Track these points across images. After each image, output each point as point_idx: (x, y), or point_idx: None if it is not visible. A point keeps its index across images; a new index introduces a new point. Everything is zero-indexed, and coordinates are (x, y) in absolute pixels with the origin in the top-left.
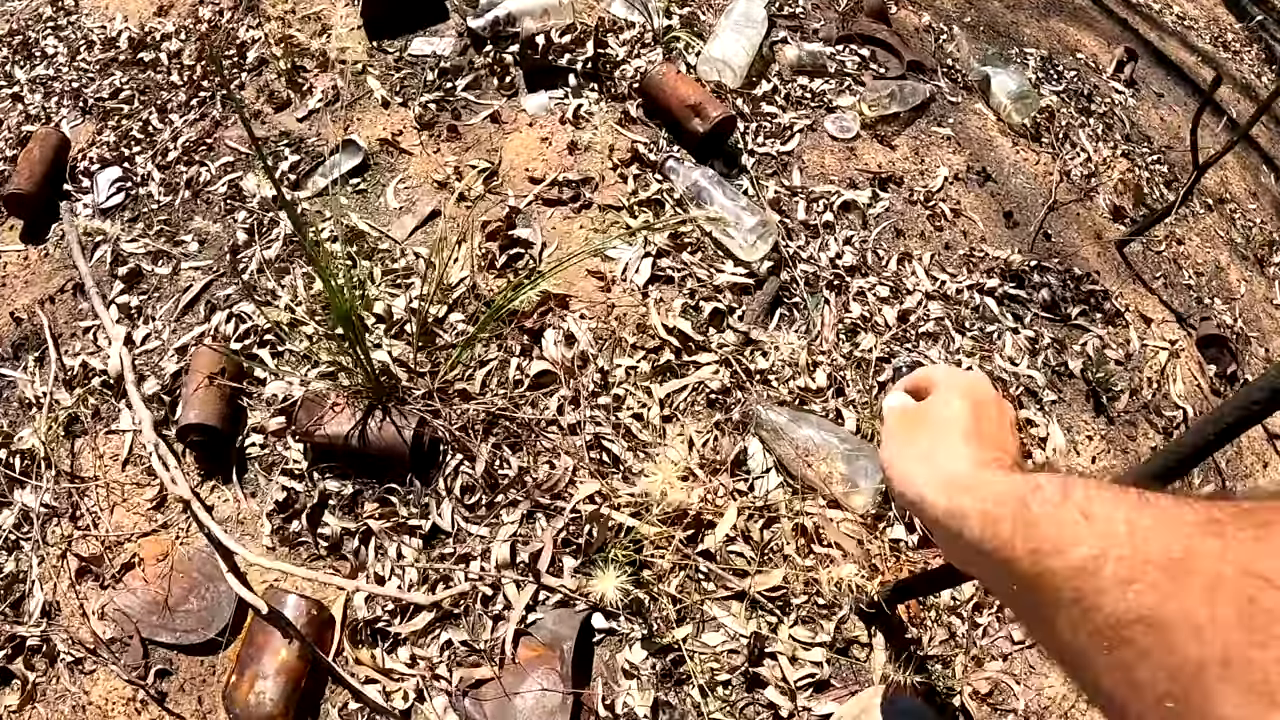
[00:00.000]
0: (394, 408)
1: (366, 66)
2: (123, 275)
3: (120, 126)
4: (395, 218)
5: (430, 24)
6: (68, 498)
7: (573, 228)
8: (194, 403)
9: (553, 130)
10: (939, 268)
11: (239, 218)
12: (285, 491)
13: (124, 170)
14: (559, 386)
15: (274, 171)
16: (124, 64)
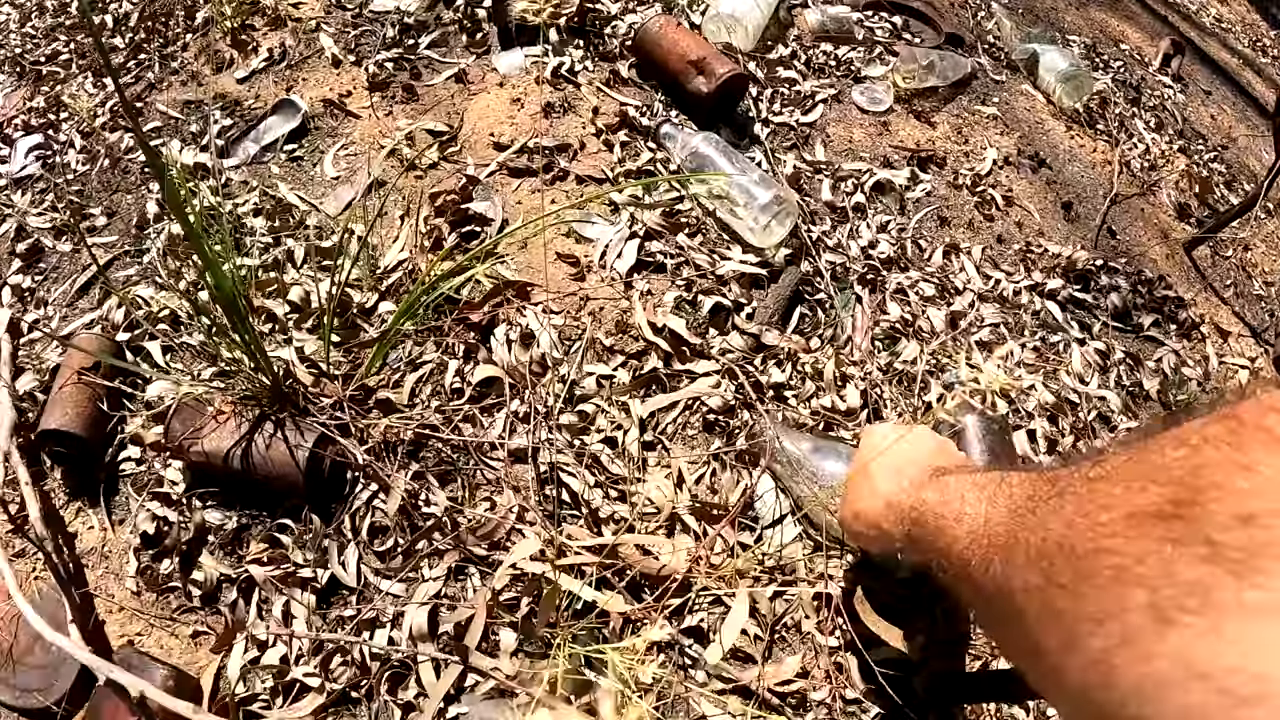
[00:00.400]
0: (290, 419)
1: (320, 24)
2: (21, 252)
3: (53, 92)
4: (331, 189)
5: None
6: None
7: (543, 202)
8: (59, 404)
9: (526, 90)
10: (991, 264)
11: (155, 188)
12: (155, 521)
13: (46, 137)
14: (509, 399)
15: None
16: (70, 29)
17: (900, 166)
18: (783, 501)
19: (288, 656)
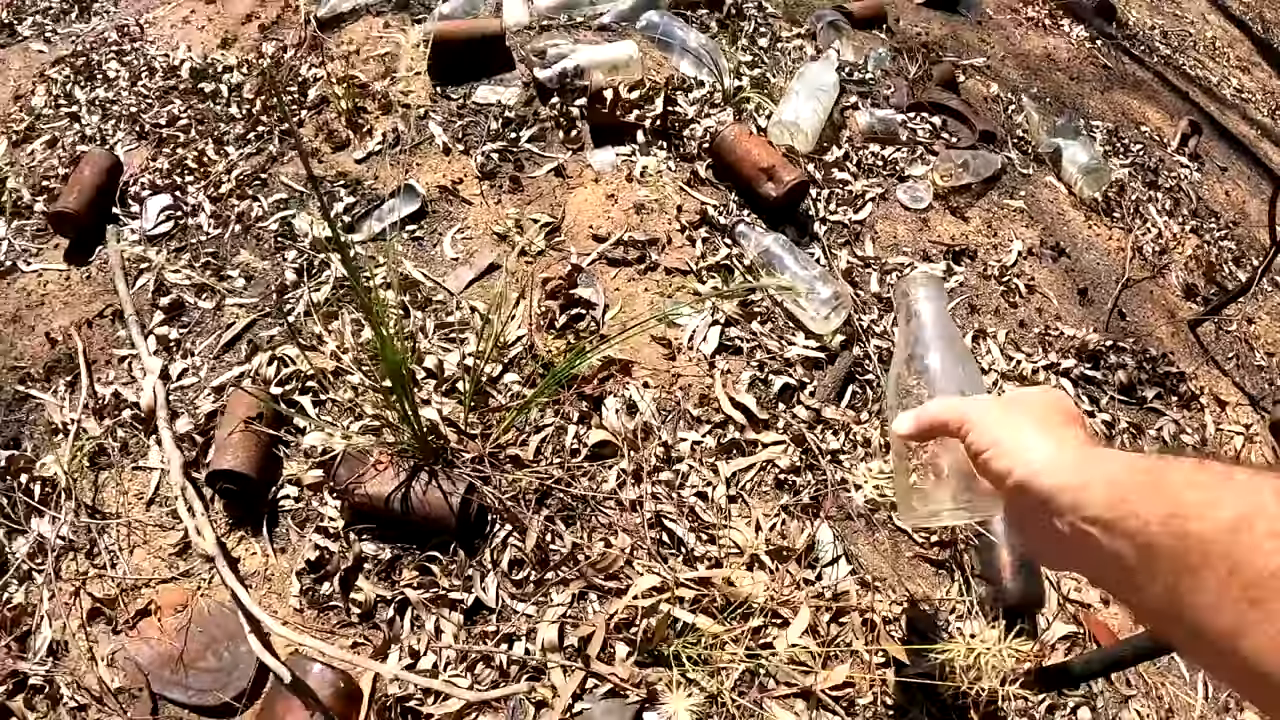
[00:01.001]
0: (441, 470)
1: (429, 111)
2: (164, 306)
3: (175, 155)
4: (451, 268)
5: (496, 73)
6: (86, 533)
7: (637, 290)
8: (227, 447)
9: (619, 188)
10: (1014, 346)
11: (289, 257)
12: (318, 550)
13: (175, 199)
14: (619, 459)
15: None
16: (184, 93)
17: (938, 260)
18: (838, 546)
19: (437, 664)
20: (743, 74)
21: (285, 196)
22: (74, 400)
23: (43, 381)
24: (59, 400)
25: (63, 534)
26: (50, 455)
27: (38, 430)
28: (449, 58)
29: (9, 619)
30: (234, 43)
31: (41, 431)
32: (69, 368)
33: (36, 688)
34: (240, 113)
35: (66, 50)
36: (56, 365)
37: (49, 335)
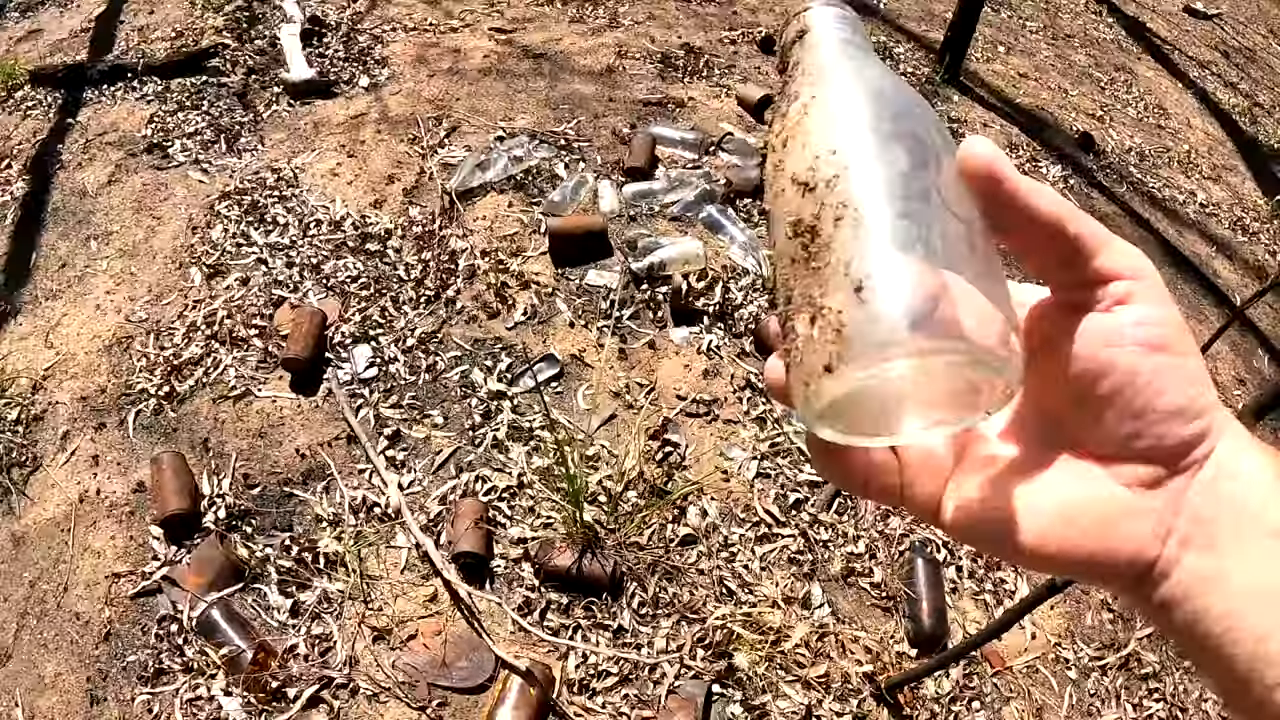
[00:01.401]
0: (598, 551)
1: (555, 290)
2: (387, 435)
3: (363, 310)
4: (584, 416)
5: (600, 259)
6: (360, 588)
7: (705, 434)
8: (466, 537)
9: (691, 359)
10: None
11: (472, 404)
12: (524, 598)
13: (373, 349)
14: (698, 544)
15: (491, 369)
16: (354, 250)
17: None
18: (823, 596)
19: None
20: None
21: (459, 354)
22: (331, 498)
23: (301, 485)
24: (317, 498)
25: (341, 589)
26: (323, 537)
27: (305, 520)
28: (564, 247)
29: (314, 642)
30: (383, 204)
31: (309, 520)
32: (321, 475)
33: (340, 684)
34: (407, 276)
35: (225, 184)
36: (310, 473)
37: (298, 450)
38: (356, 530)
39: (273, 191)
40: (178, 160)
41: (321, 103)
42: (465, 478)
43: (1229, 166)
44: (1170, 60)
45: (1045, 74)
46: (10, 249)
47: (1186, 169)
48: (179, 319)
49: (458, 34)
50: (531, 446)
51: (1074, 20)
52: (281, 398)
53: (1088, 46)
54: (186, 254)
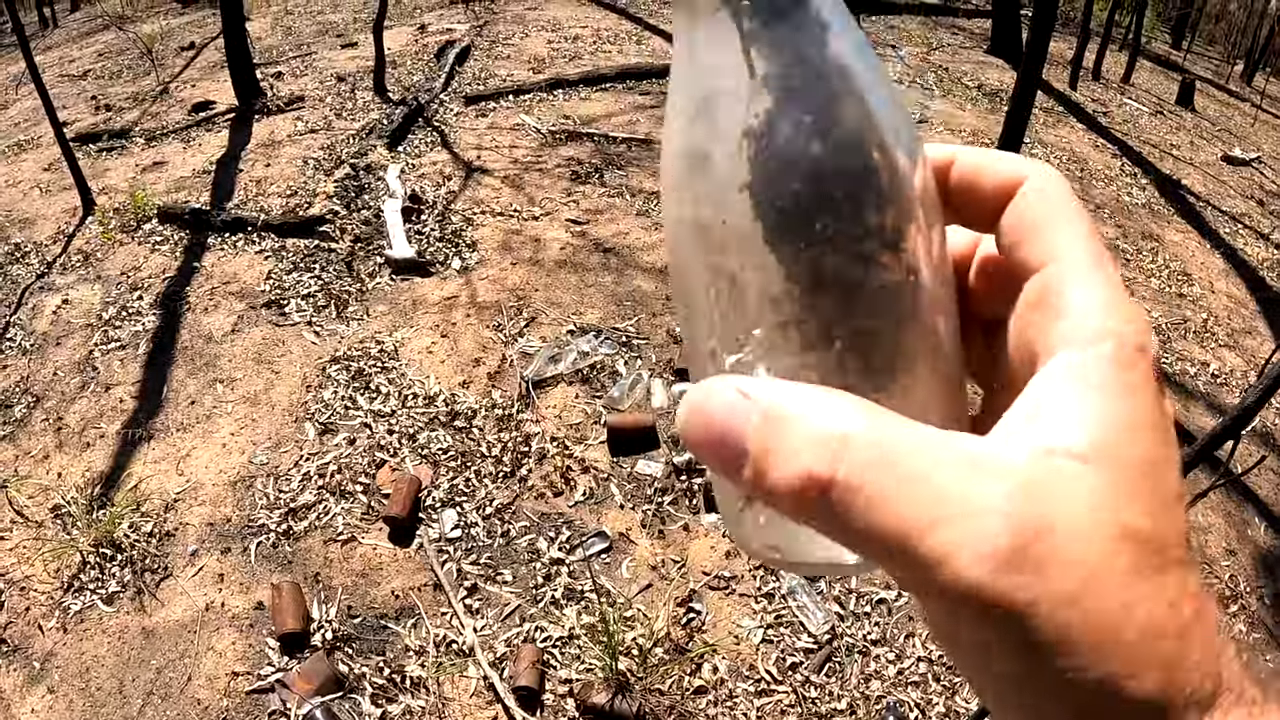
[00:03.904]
0: (626, 693)
1: (610, 475)
2: (466, 586)
3: (451, 479)
4: (627, 584)
5: (649, 450)
6: (437, 707)
7: (724, 604)
8: (525, 674)
9: (717, 541)
10: (932, 640)
11: (536, 567)
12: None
13: (458, 514)
14: (708, 694)
15: (553, 540)
16: (444, 424)
17: (894, 588)
18: None
19: None
20: None
21: (528, 524)
22: (418, 632)
23: (394, 619)
24: (407, 631)
25: (420, 704)
26: (411, 663)
27: (396, 648)
28: (620, 439)
29: None
30: (470, 385)
31: (399, 649)
32: (411, 614)
33: None
34: (488, 452)
35: (335, 349)
36: (402, 611)
37: (393, 591)
38: (438, 661)
39: (376, 361)
40: (293, 319)
41: (419, 280)
42: (527, 626)
43: (1248, 330)
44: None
45: None
46: (143, 379)
47: (1202, 339)
48: (295, 468)
49: (538, 222)
50: (582, 606)
51: (1107, 187)
52: (381, 545)
53: (1118, 215)
54: (301, 409)
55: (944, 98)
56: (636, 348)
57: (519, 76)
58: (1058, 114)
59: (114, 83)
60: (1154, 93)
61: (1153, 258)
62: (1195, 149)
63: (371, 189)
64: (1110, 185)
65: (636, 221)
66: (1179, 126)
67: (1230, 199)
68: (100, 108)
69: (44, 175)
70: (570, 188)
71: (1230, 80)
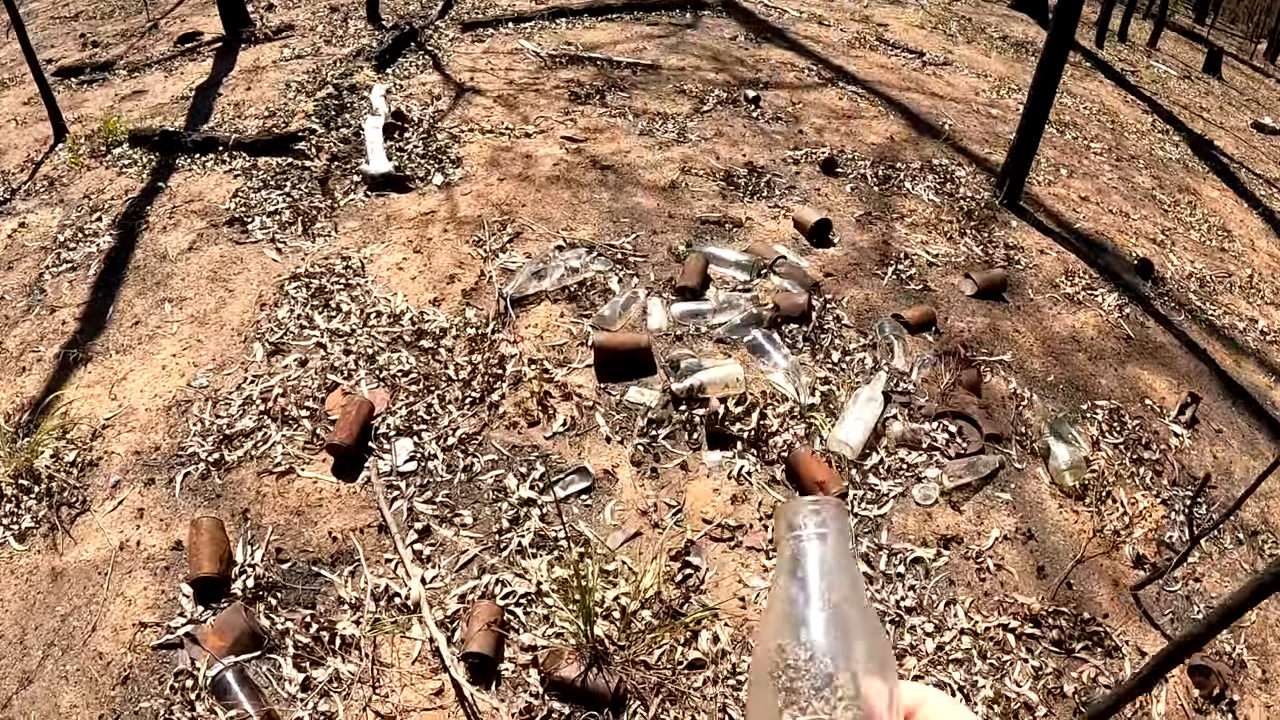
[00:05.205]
0: (604, 666)
1: (595, 404)
2: (417, 529)
3: (410, 405)
4: (610, 531)
5: (643, 375)
6: (371, 673)
7: (727, 560)
8: (477, 638)
9: (722, 484)
10: (976, 610)
11: (502, 508)
12: (526, 704)
13: (415, 444)
14: (706, 669)
15: (525, 476)
16: (408, 344)
17: (932, 545)
18: None
19: None
20: (816, 389)
21: (495, 458)
22: (356, 583)
23: (329, 566)
24: (343, 581)
25: (353, 670)
26: (342, 619)
27: (328, 600)
28: (609, 362)
29: (318, 717)
30: (441, 302)
31: (331, 601)
32: (349, 560)
33: None
34: (456, 376)
35: (298, 267)
36: (339, 556)
37: (331, 533)
38: (375, 617)
39: (340, 279)
40: (255, 236)
41: (396, 196)
42: (486, 580)
43: None
44: (1236, 179)
45: (1107, 197)
46: (90, 299)
47: (1248, 294)
48: (237, 391)
49: (531, 139)
50: (555, 556)
51: (1140, 140)
52: (323, 480)
53: (1152, 168)
54: (252, 329)
55: (968, 45)
56: (633, 265)
57: (521, 6)
58: (1085, 69)
59: (105, 22)
60: (1180, 60)
61: (1191, 211)
62: (1225, 114)
63: (354, 108)
64: (1144, 139)
65: (639, 140)
66: (1207, 92)
67: (1262, 164)
68: (88, 45)
69: (22, 109)
70: (568, 108)
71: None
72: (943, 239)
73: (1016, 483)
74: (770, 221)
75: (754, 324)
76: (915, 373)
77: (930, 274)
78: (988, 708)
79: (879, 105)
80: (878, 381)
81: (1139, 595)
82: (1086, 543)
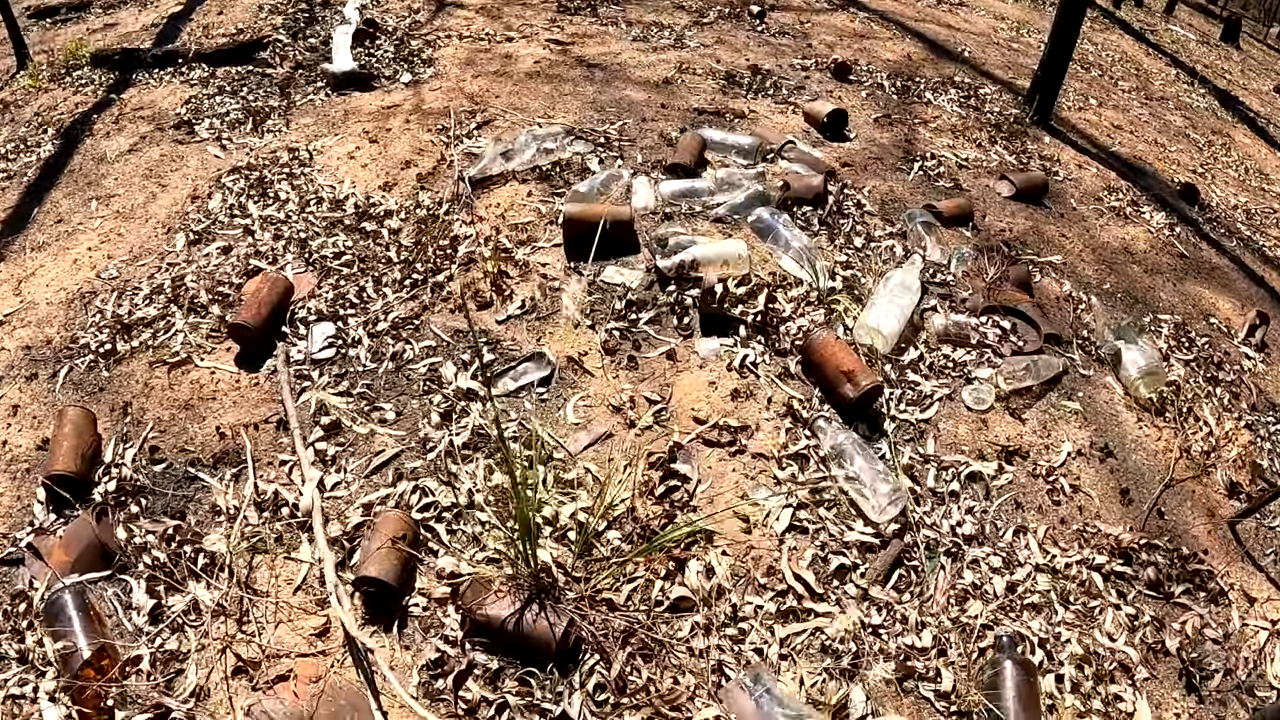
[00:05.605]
0: (549, 603)
1: (563, 284)
2: (324, 425)
3: (339, 287)
4: (571, 432)
5: (623, 254)
6: (238, 604)
7: (726, 469)
8: (375, 559)
9: (720, 375)
10: (1051, 542)
11: (435, 401)
12: (439, 653)
13: (338, 329)
14: (694, 612)
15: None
16: (348, 228)
17: (991, 459)
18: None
19: None
20: (837, 274)
21: (434, 344)
22: (238, 490)
23: (210, 468)
24: (223, 486)
25: (218, 600)
26: (214, 533)
27: (202, 509)
28: (582, 238)
29: (161, 660)
30: (394, 187)
31: (206, 510)
32: (235, 461)
33: None
34: (397, 258)
35: (241, 161)
36: (224, 456)
37: (219, 430)
38: (255, 532)
39: (284, 169)
40: (201, 136)
41: (359, 95)
42: (403, 487)
43: None
44: (1266, 132)
45: (1140, 129)
46: (18, 203)
47: None
48: (148, 281)
49: (513, 43)
50: (497, 459)
51: (1166, 87)
52: (221, 370)
53: (1182, 110)
54: (179, 220)
55: None
56: (618, 148)
57: None
58: (1104, 24)
59: None
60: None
61: (1226, 152)
62: (1248, 78)
63: (325, 21)
64: (1170, 87)
65: (631, 45)
66: (1227, 57)
67: None
68: None
69: None
70: (556, 18)
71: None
72: (971, 145)
73: (1085, 391)
74: (777, 115)
75: (759, 203)
76: (954, 265)
77: (961, 175)
78: (1076, 669)
79: (893, 30)
80: (912, 266)
81: (1237, 530)
82: (1174, 463)
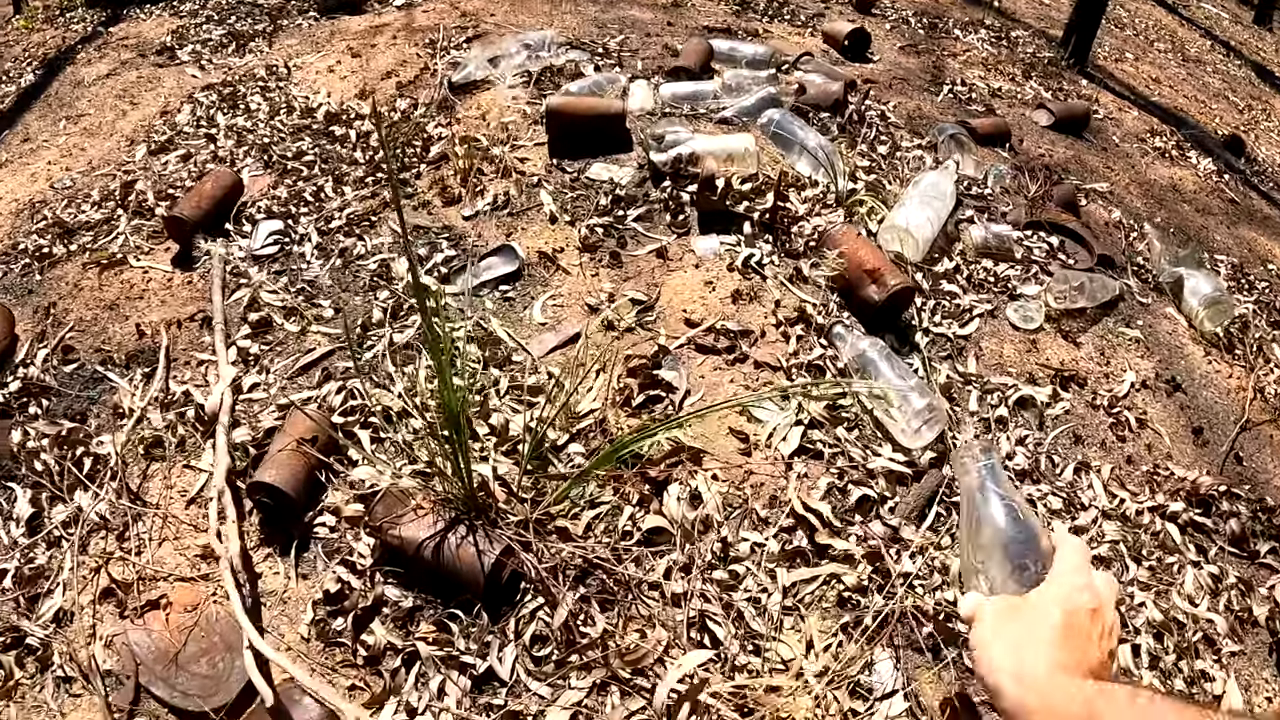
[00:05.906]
0: (482, 528)
1: (542, 180)
2: (253, 321)
3: (295, 186)
4: (537, 333)
5: (613, 152)
6: (121, 516)
7: (723, 380)
8: (274, 463)
9: (719, 275)
10: (1119, 483)
11: (380, 296)
12: (340, 583)
13: (286, 226)
14: (672, 549)
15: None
16: (315, 133)
17: (1043, 384)
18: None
19: None
20: (858, 178)
21: (389, 240)
22: (145, 390)
23: (121, 367)
24: (131, 387)
25: (100, 511)
26: (108, 435)
27: (105, 411)
28: (569, 132)
29: (26, 577)
30: (370, 94)
31: (109, 413)
32: (149, 360)
33: (31, 648)
34: (364, 158)
35: (217, 79)
36: (139, 355)
37: (139, 327)
38: (155, 435)
39: (259, 83)
40: (181, 60)
41: (348, 17)
42: (329, 388)
43: None
44: None
45: (1179, 85)
46: None
47: None
48: (100, 189)
49: None
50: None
51: (1202, 55)
52: (156, 269)
53: (1220, 74)
54: (144, 134)
55: None
56: (617, 58)
57: None
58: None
59: None
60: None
61: (1266, 117)
62: None
63: None
64: (1207, 55)
65: None
66: (1260, 37)
67: None
68: None
69: None
70: None
71: None
72: (1004, 79)
73: (1145, 319)
74: (793, 36)
75: (771, 105)
76: (991, 181)
77: (994, 102)
78: (1154, 639)
79: None
80: (945, 171)
81: None
82: (1249, 403)
